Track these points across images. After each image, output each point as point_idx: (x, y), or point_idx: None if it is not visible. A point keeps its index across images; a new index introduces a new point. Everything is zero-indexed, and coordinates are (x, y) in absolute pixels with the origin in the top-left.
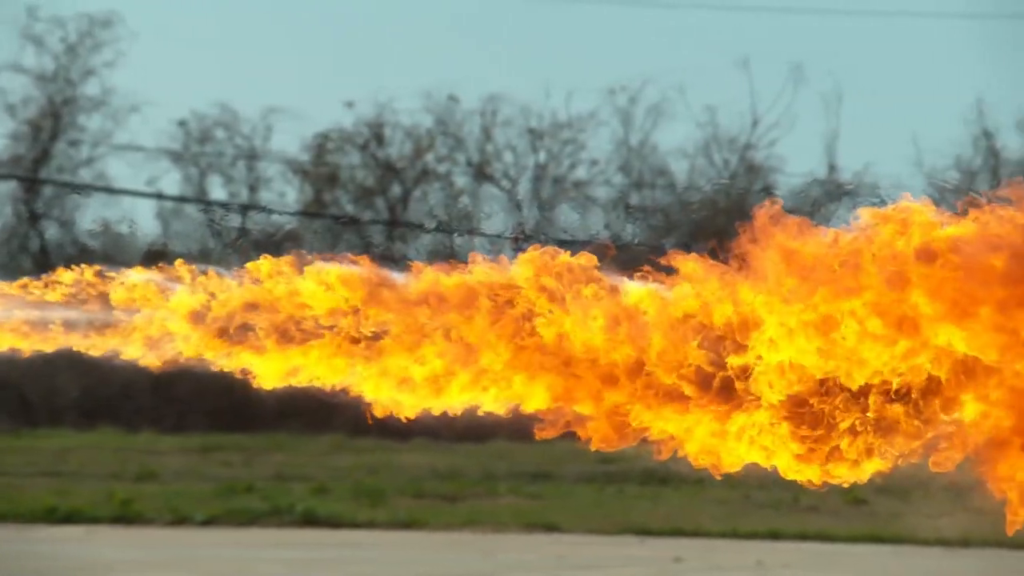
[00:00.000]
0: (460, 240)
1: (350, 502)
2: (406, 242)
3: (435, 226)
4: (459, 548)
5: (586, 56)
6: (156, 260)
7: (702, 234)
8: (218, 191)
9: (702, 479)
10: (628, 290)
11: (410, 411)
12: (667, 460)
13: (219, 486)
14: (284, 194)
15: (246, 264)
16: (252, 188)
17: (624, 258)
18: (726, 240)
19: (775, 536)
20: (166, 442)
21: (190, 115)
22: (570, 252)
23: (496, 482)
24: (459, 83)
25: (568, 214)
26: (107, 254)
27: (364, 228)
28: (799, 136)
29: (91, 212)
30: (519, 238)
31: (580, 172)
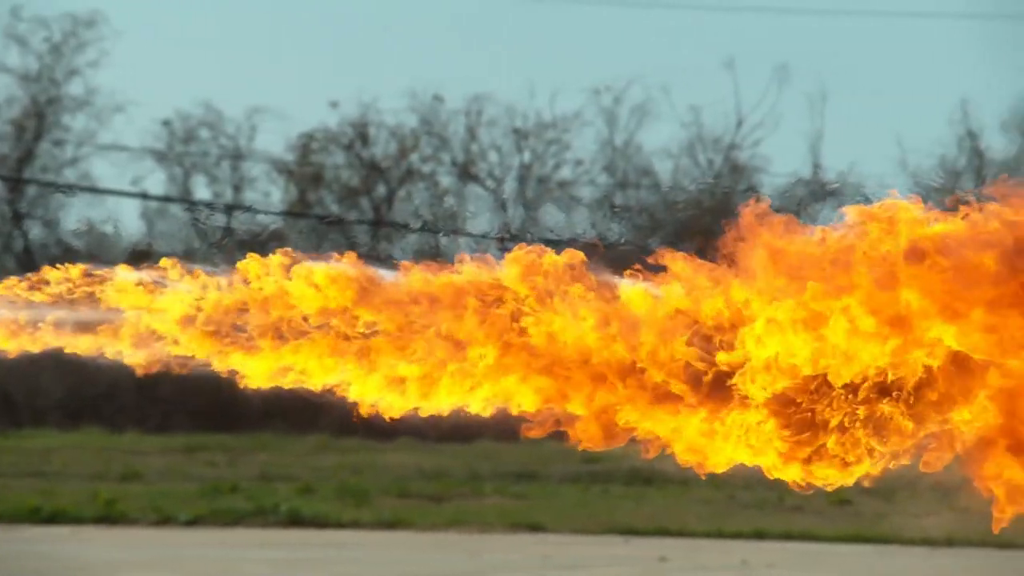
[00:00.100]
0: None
1: (335, 502)
2: (391, 242)
3: (420, 226)
4: (444, 548)
5: (571, 56)
6: (141, 260)
7: (687, 233)
8: (203, 191)
9: (687, 479)
10: (617, 289)
11: (397, 411)
12: (654, 460)
13: (204, 486)
14: (269, 194)
15: (236, 264)
16: (237, 188)
17: (610, 256)
18: (712, 239)
19: (760, 536)
20: (150, 442)
21: (174, 115)
22: (556, 251)
23: (481, 482)
24: (444, 83)
25: (553, 214)
26: (91, 254)
27: (349, 228)
28: (784, 136)
29: (75, 212)
30: (504, 238)
31: (565, 172)
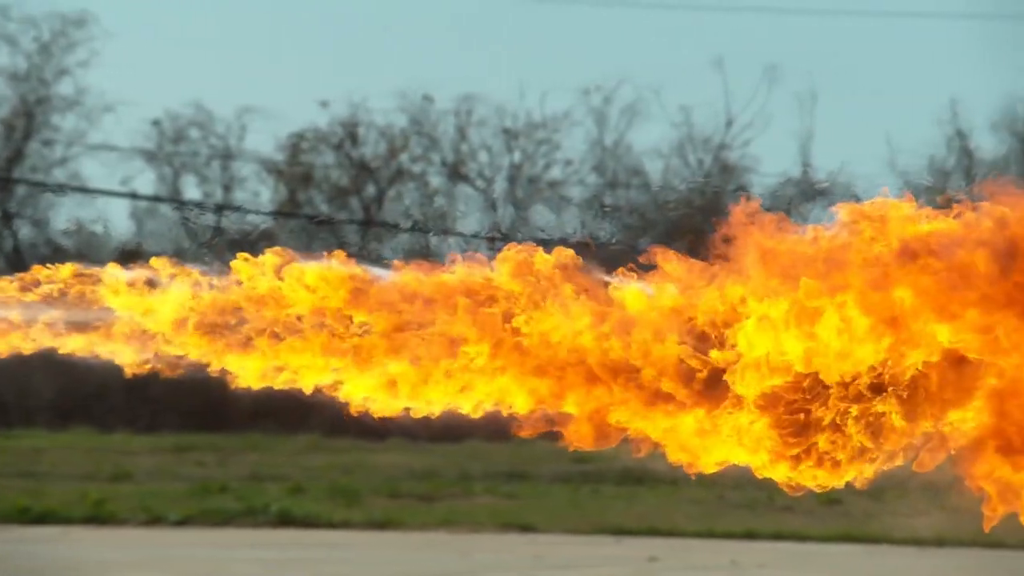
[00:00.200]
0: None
1: (325, 502)
2: (381, 242)
3: (410, 226)
4: (435, 548)
5: (561, 56)
6: (130, 260)
7: (678, 233)
8: (192, 191)
9: (677, 479)
10: (609, 288)
11: (390, 411)
12: (645, 459)
13: (193, 486)
14: (258, 194)
15: (228, 263)
16: (226, 188)
17: (601, 256)
18: (702, 239)
19: (750, 536)
20: (140, 442)
21: (164, 115)
22: (546, 251)
23: (472, 482)
24: (434, 83)
25: (543, 214)
26: (81, 254)
27: (339, 228)
28: (773, 136)
29: (65, 212)
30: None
31: (555, 172)
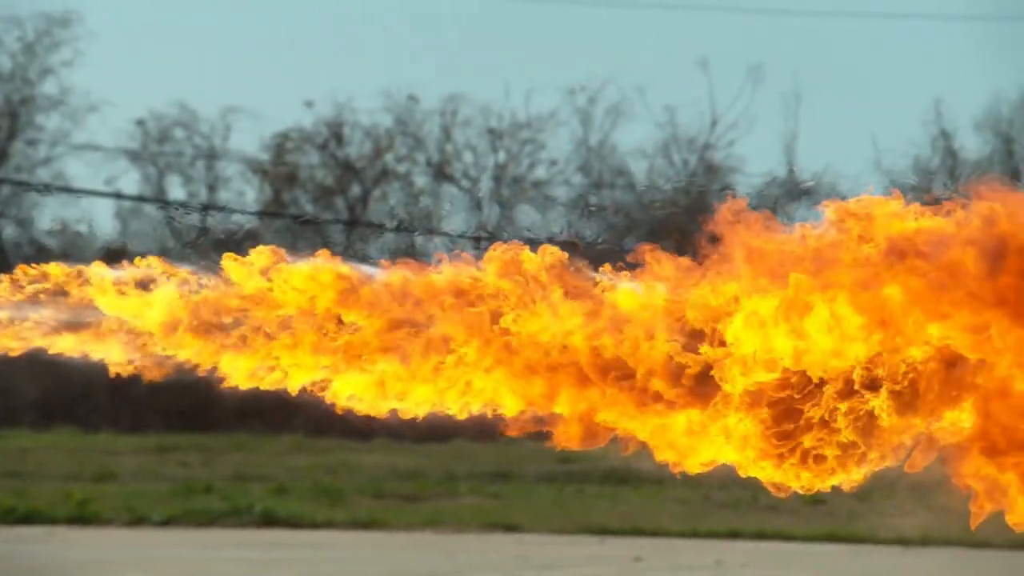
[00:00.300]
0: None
1: (310, 502)
2: (366, 242)
3: (395, 226)
4: (419, 548)
5: (546, 56)
6: (115, 260)
7: (663, 232)
8: (177, 191)
9: (662, 479)
10: (598, 286)
11: (378, 411)
12: (630, 458)
13: (177, 486)
14: (243, 194)
15: (215, 263)
16: (211, 188)
17: (587, 256)
18: (688, 238)
19: (735, 535)
20: (124, 442)
21: (148, 114)
22: (532, 251)
23: (456, 482)
24: (419, 83)
25: (529, 213)
26: (66, 253)
27: (324, 228)
28: (758, 136)
29: (49, 211)
30: (480, 237)
31: (540, 172)
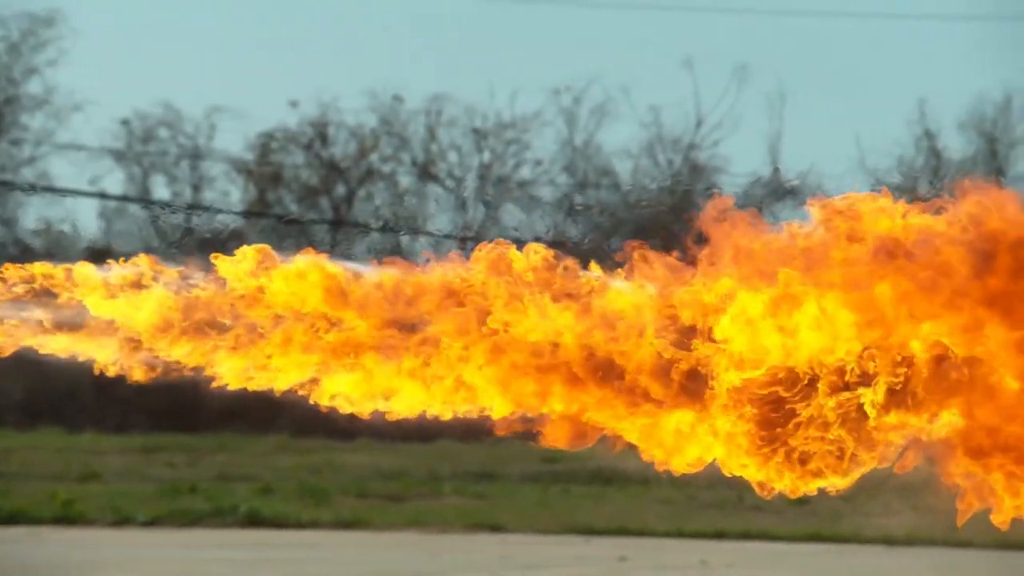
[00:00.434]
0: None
1: (294, 502)
2: (351, 242)
3: (380, 226)
4: (404, 548)
5: (530, 56)
6: (99, 259)
7: (649, 232)
8: (161, 190)
9: (648, 479)
10: (587, 286)
11: (367, 410)
12: (616, 458)
13: (162, 486)
14: (228, 193)
15: (200, 263)
16: (196, 187)
17: (573, 255)
18: (673, 238)
19: (720, 535)
20: (109, 442)
21: (133, 114)
22: (517, 250)
23: (441, 482)
24: (403, 83)
25: (514, 213)
26: (50, 253)
27: (309, 228)
28: (743, 136)
29: (33, 211)
30: (466, 237)
31: (525, 172)
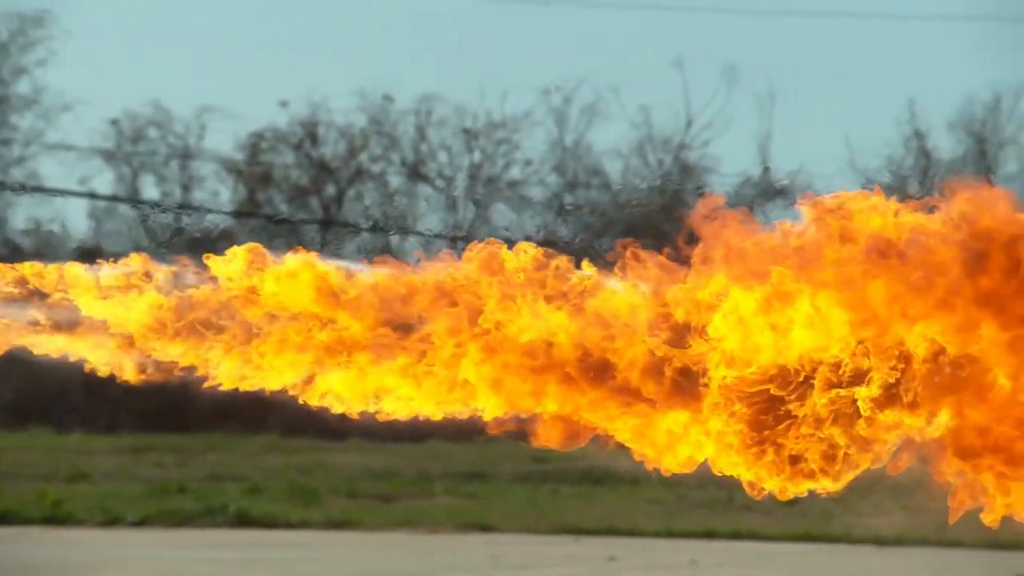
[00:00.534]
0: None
1: (284, 502)
2: (341, 242)
3: (370, 226)
4: (394, 548)
5: (521, 56)
6: (89, 259)
7: (639, 231)
8: (151, 190)
9: (637, 478)
10: (579, 285)
11: (357, 410)
12: (606, 458)
13: (151, 486)
14: (218, 193)
15: (193, 263)
16: (185, 187)
17: (565, 254)
18: (663, 237)
19: (710, 535)
20: (98, 442)
21: (123, 114)
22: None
23: (431, 482)
24: (393, 83)
25: (504, 213)
26: (39, 253)
27: (299, 228)
28: (733, 136)
29: (23, 211)
30: (456, 237)
31: (515, 172)
